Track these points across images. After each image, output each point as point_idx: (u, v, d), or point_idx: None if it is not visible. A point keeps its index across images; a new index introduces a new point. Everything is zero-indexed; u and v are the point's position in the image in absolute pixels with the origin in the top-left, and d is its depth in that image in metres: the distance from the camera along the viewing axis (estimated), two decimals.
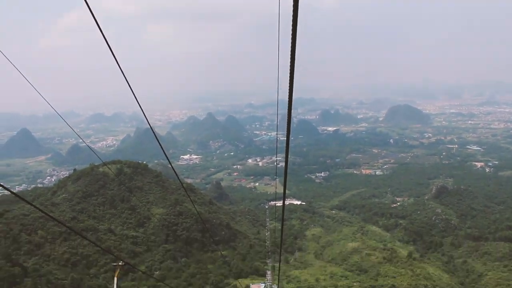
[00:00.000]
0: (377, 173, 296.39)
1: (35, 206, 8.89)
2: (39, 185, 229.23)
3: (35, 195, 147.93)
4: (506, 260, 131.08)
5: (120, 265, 10.22)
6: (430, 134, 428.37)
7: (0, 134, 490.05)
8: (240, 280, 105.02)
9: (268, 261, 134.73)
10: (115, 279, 10.75)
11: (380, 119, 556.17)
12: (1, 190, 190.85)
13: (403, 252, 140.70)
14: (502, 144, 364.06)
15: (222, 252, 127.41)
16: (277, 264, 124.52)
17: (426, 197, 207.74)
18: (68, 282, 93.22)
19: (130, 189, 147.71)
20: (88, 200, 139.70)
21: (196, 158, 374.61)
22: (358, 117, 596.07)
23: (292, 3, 5.35)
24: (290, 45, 5.66)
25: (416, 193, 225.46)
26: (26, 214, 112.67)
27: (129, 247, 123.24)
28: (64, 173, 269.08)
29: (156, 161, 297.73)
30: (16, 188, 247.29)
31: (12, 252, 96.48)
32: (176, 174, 15.63)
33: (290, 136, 6.99)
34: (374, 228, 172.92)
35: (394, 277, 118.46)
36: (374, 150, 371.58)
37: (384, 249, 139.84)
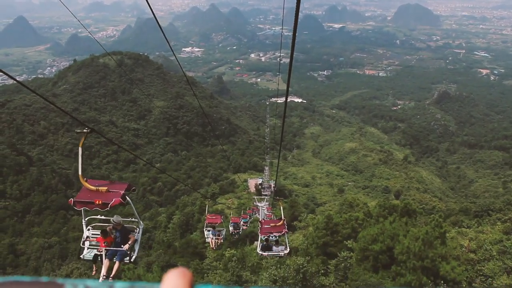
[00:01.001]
0: (380, 74, 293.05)
1: (42, 96, 8.57)
2: (40, 76, 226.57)
3: (36, 86, 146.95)
4: (498, 168, 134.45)
5: (85, 132, 8.00)
6: (438, 37, 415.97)
7: None
8: (238, 174, 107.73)
9: (266, 157, 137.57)
10: (80, 149, 9.49)
11: (389, 18, 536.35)
12: (1, 80, 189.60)
13: (399, 155, 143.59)
14: (511, 51, 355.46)
15: (222, 147, 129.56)
16: (275, 161, 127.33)
17: (427, 102, 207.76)
18: (71, 172, 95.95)
19: (131, 81, 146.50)
20: (89, 91, 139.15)
21: (198, 51, 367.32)
22: (366, 14, 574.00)
23: None
24: None
25: (418, 97, 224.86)
26: (28, 105, 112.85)
27: (131, 139, 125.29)
28: (64, 63, 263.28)
29: (157, 53, 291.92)
30: (17, 79, 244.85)
31: (16, 142, 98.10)
32: (180, 66, 15.08)
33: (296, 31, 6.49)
34: (372, 129, 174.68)
35: (388, 179, 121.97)
36: (379, 51, 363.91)
37: (380, 151, 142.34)
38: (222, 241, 30.21)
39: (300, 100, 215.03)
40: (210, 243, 29.49)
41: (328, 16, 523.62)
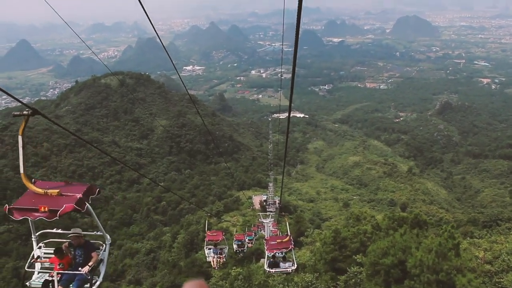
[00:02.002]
0: (381, 87, 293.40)
1: (49, 119, 7.36)
2: (43, 98, 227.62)
3: (39, 108, 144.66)
4: (504, 177, 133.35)
5: (25, 114, 6.50)
6: (437, 48, 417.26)
7: None
8: (243, 191, 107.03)
9: (270, 173, 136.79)
10: (20, 138, 7.21)
11: (387, 30, 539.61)
12: (5, 103, 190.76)
13: (404, 167, 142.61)
14: (511, 60, 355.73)
15: (226, 164, 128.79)
16: (278, 177, 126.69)
17: (430, 113, 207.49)
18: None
19: (134, 101, 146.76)
20: (91, 112, 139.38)
21: (199, 69, 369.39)
22: (365, 28, 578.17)
23: None
24: None
25: (420, 108, 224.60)
26: (30, 127, 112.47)
27: (134, 159, 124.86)
28: (67, 85, 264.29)
29: (158, 72, 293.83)
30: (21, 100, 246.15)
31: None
32: (184, 84, 14.74)
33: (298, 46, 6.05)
34: (376, 142, 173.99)
35: (394, 192, 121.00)
36: (379, 63, 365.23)
37: (384, 164, 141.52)
38: (224, 259, 29.04)
39: (302, 115, 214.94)
40: (212, 262, 28.27)
41: (327, 31, 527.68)
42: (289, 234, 19.05)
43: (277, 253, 18.43)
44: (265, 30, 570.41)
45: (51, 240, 9.22)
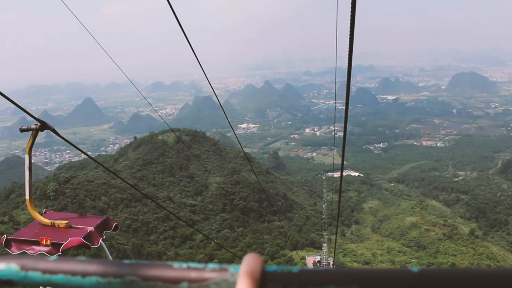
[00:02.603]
0: (438, 144, 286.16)
1: (61, 136, 6.25)
2: (103, 153, 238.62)
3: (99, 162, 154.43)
4: None
5: (34, 128, 5.71)
6: (497, 104, 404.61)
7: (67, 104, 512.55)
8: (296, 251, 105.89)
9: (324, 233, 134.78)
10: (27, 157, 6.18)
11: (443, 87, 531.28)
12: (68, 157, 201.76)
13: (465, 229, 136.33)
14: None
15: (279, 223, 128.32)
16: (333, 237, 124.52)
17: (491, 172, 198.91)
18: (129, 248, 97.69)
19: (189, 157, 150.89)
20: (148, 167, 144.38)
21: (254, 127, 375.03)
22: (419, 85, 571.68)
23: None
24: (350, 8, 5.18)
25: (480, 167, 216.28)
26: (90, 181, 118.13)
27: (187, 215, 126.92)
28: (126, 141, 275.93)
29: (214, 129, 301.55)
30: (82, 156, 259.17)
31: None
32: (239, 142, 15.50)
33: (348, 105, 6.63)
34: (434, 202, 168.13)
35: (455, 255, 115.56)
36: (435, 121, 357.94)
37: (444, 225, 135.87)
38: None
39: (357, 174, 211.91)
40: None
41: (381, 88, 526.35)
42: None
43: None
44: (318, 88, 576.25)
45: None
